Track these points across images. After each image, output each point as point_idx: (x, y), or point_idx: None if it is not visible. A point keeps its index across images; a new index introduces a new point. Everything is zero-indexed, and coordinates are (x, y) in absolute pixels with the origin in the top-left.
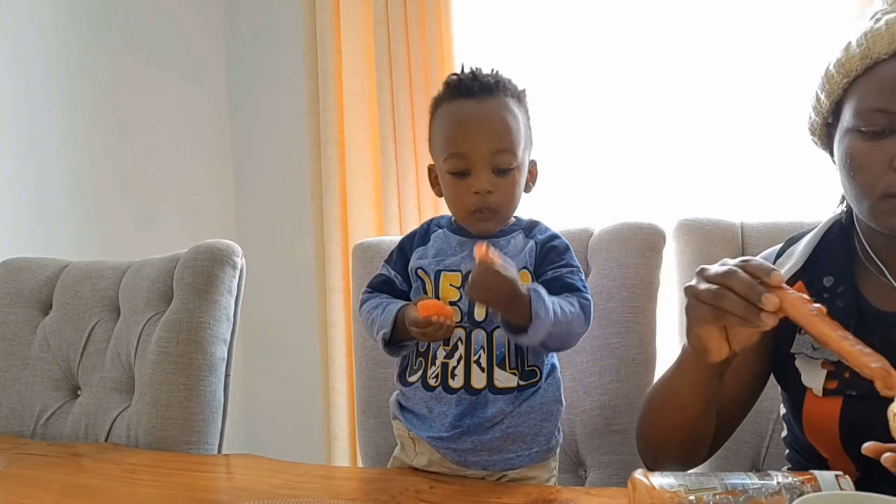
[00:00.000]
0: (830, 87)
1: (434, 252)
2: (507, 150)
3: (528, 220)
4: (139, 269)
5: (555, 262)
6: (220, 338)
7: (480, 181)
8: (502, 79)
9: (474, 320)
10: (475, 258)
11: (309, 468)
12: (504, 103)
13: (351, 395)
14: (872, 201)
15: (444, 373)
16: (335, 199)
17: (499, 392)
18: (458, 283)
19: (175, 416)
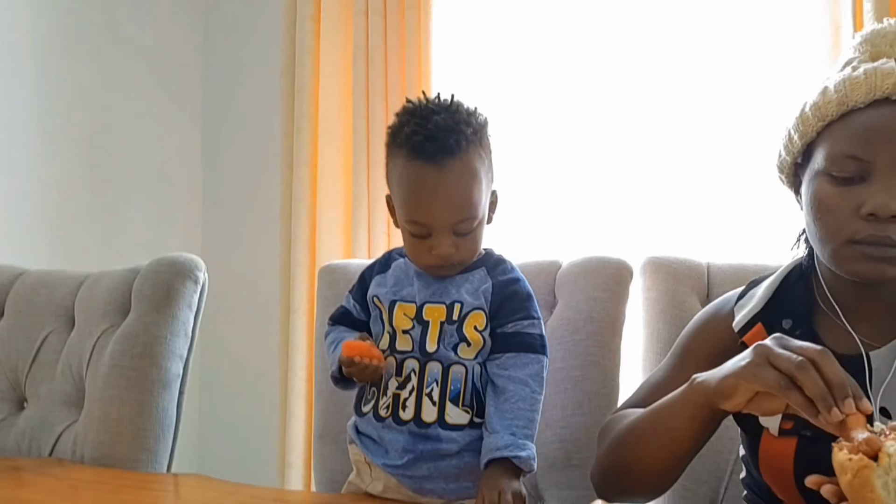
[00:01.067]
0: (804, 128)
1: (393, 282)
2: (470, 217)
3: (495, 258)
4: (97, 280)
5: (516, 313)
6: (177, 353)
7: (441, 246)
8: (465, 129)
9: (426, 353)
10: None
11: (260, 490)
12: (466, 166)
13: (309, 422)
14: (836, 246)
15: (396, 404)
16: (304, 222)
17: (449, 428)
18: (412, 313)
19: (125, 432)
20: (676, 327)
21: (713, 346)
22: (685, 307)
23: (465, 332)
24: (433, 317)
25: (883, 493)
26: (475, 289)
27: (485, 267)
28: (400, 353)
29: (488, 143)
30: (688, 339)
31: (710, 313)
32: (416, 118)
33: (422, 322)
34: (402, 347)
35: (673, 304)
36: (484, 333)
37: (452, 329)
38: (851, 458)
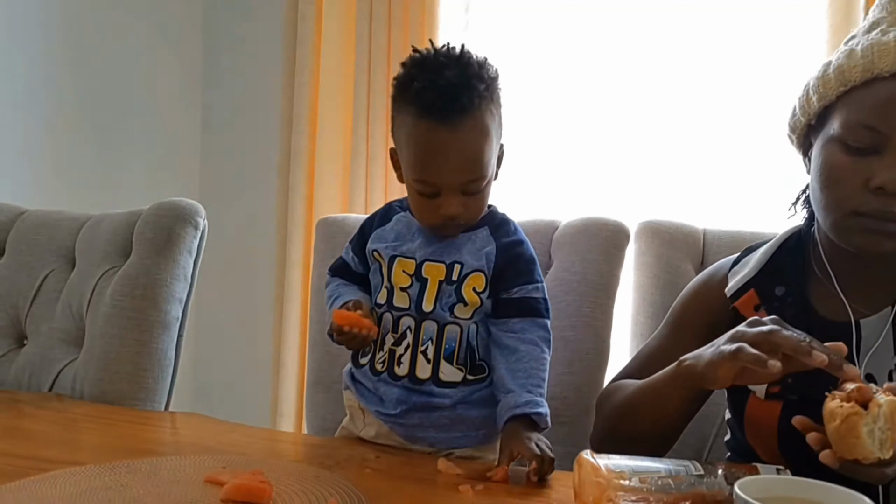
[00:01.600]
0: (824, 90)
1: (393, 236)
2: (480, 177)
3: (499, 217)
4: (98, 222)
5: (521, 277)
6: (176, 297)
7: (450, 205)
8: (478, 85)
9: (423, 312)
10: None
11: (255, 430)
12: (478, 124)
13: (301, 372)
14: (839, 216)
15: (391, 359)
16: (302, 176)
17: (443, 385)
18: (411, 270)
19: (124, 370)
20: (668, 292)
21: (706, 313)
22: (678, 273)
23: (463, 293)
24: (432, 275)
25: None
26: (477, 249)
27: (488, 227)
28: (397, 309)
29: (499, 97)
30: (681, 307)
31: (704, 280)
32: (425, 72)
33: (420, 279)
34: (399, 304)
35: (666, 270)
36: (482, 295)
37: (451, 290)
38: (843, 406)
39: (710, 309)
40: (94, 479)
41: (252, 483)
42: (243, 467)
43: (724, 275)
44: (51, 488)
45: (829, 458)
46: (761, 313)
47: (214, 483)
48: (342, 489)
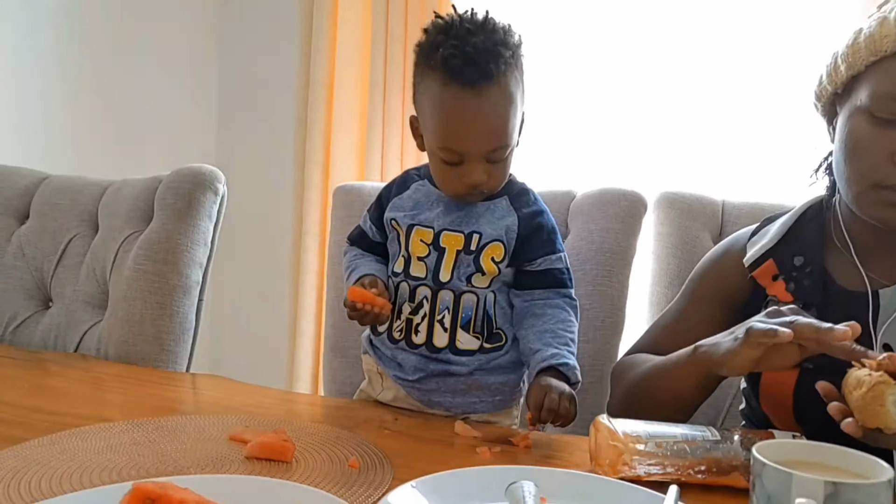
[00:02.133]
0: (854, 59)
1: (411, 204)
2: (504, 144)
3: (519, 187)
4: (120, 187)
5: (544, 249)
6: (197, 262)
7: (474, 174)
8: (503, 52)
9: (439, 282)
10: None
11: (275, 392)
12: (504, 91)
13: (317, 339)
14: (862, 188)
15: (409, 328)
16: (319, 143)
17: (460, 353)
18: (428, 239)
19: (147, 332)
20: (686, 263)
21: (724, 283)
22: (696, 244)
23: (481, 263)
24: (450, 245)
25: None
26: (497, 219)
27: (507, 196)
28: (413, 279)
29: (522, 64)
30: (699, 277)
31: (722, 251)
32: (452, 38)
33: (438, 249)
34: (415, 273)
35: (684, 241)
36: (500, 265)
37: (469, 259)
38: (871, 374)
39: (728, 279)
40: (123, 435)
41: (275, 441)
42: (265, 427)
43: (743, 245)
44: (81, 442)
45: (852, 427)
46: (779, 283)
47: (238, 441)
48: (362, 449)
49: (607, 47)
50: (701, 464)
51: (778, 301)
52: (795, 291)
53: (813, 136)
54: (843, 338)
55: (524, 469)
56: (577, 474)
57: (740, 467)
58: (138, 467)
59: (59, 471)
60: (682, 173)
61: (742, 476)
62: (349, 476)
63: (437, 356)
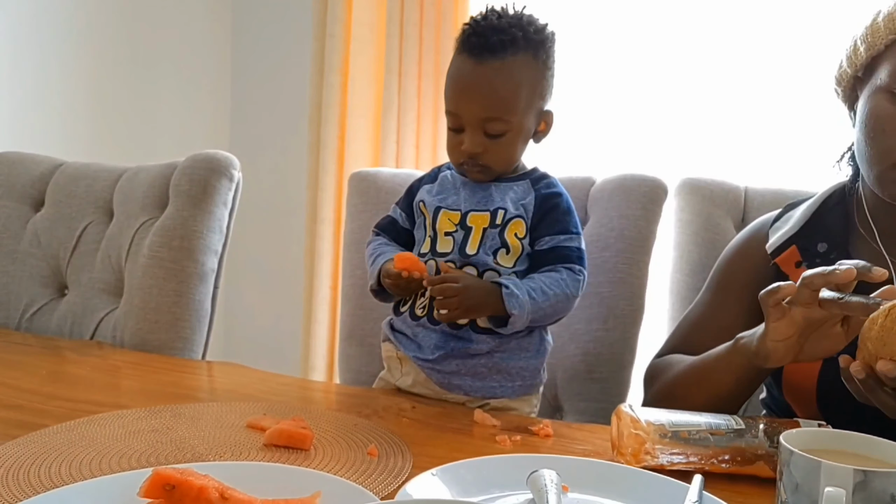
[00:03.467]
0: (873, 39)
1: (438, 190)
2: (499, 118)
3: (540, 173)
4: (135, 174)
5: (554, 227)
6: (212, 249)
7: (469, 142)
8: (517, 34)
9: (465, 254)
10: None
11: (292, 379)
12: (507, 67)
13: (332, 327)
14: (884, 168)
15: (431, 305)
16: (333, 130)
17: (481, 331)
18: (456, 220)
19: (162, 320)
20: (707, 250)
21: (749, 272)
22: (718, 230)
23: (506, 237)
24: (476, 223)
25: None
26: (518, 198)
27: (529, 180)
28: (440, 255)
29: (546, 58)
30: (723, 267)
31: (745, 239)
32: (475, 18)
33: (465, 227)
34: (442, 249)
35: (706, 227)
36: (524, 241)
37: (495, 233)
38: (884, 305)
39: (753, 267)
40: (141, 422)
41: (294, 429)
42: (283, 415)
43: (766, 232)
44: (100, 429)
45: (857, 367)
46: (802, 270)
47: (256, 428)
48: (382, 437)
49: (626, 32)
50: (725, 453)
51: None
52: None
53: (832, 120)
54: (848, 276)
55: (545, 458)
56: (599, 463)
57: (765, 456)
58: (157, 454)
59: (78, 457)
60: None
61: (767, 465)
62: (368, 464)
63: (457, 333)
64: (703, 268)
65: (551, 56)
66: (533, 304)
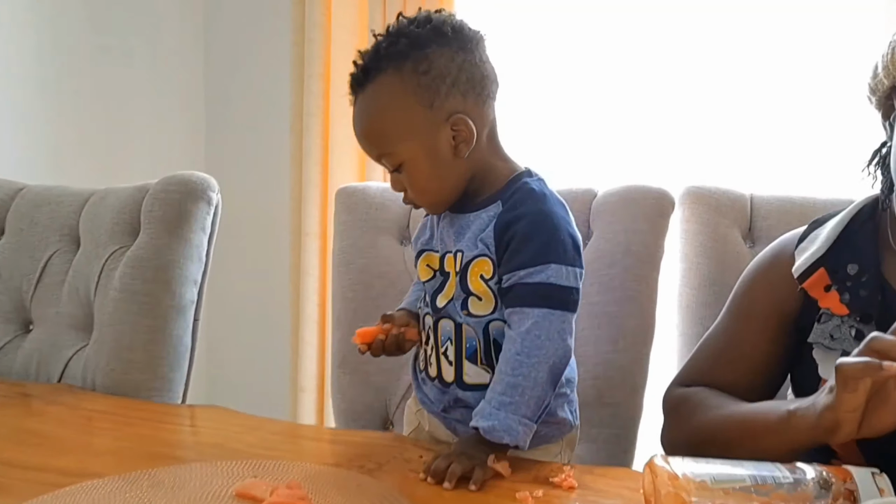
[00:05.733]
0: None
1: (428, 225)
2: (383, 153)
3: (518, 185)
4: (103, 197)
5: (513, 260)
6: (191, 278)
7: (391, 183)
8: (376, 54)
9: (437, 308)
10: None
11: (285, 426)
12: (369, 95)
13: (321, 346)
14: None
15: (426, 359)
16: (316, 139)
17: (468, 388)
18: (435, 264)
19: (137, 359)
20: (716, 262)
21: (774, 297)
22: (726, 241)
23: (469, 285)
24: (452, 268)
25: None
26: (480, 230)
27: (500, 201)
28: (426, 304)
29: (419, 62)
30: (745, 292)
31: (767, 260)
32: None
33: (444, 274)
34: (427, 299)
35: (714, 238)
36: (491, 283)
37: (456, 281)
38: None
39: (778, 292)
40: (115, 496)
41: (290, 501)
42: (277, 475)
43: (790, 253)
44: None
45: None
46: (832, 294)
47: (247, 499)
48: (389, 501)
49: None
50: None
51: (832, 314)
52: (851, 303)
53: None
54: None
55: None
56: None
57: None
58: None
59: None
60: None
61: None
62: None
63: (447, 390)
64: (712, 281)
65: (432, 56)
66: (517, 407)
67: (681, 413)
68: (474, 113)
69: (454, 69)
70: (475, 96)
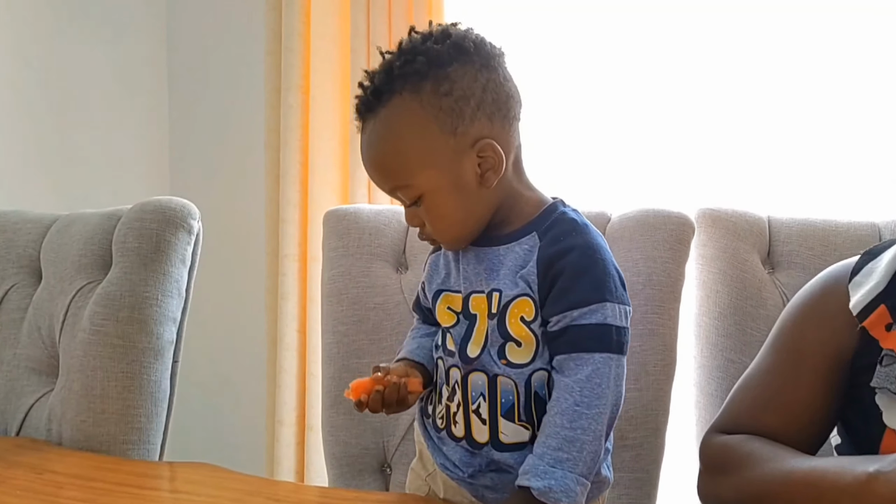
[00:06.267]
0: None
1: (443, 263)
2: (400, 185)
3: (555, 216)
4: (67, 225)
5: (564, 299)
6: (170, 316)
7: (406, 216)
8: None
9: (468, 358)
10: None
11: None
12: (381, 121)
13: (302, 376)
14: None
15: (448, 417)
16: (294, 155)
17: (506, 449)
18: (458, 306)
19: (111, 409)
20: (736, 290)
21: (830, 337)
22: (746, 267)
23: (509, 329)
24: (480, 310)
25: None
26: (519, 266)
27: (536, 232)
28: (448, 354)
29: (440, 82)
30: (794, 328)
31: (818, 293)
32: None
33: (469, 317)
34: (449, 347)
35: (733, 265)
36: (533, 326)
37: (494, 325)
38: None
39: (831, 330)
40: None
41: None
42: None
43: (844, 288)
44: None
45: None
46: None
47: None
48: None
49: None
50: None
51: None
52: None
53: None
54: None
55: None
56: None
57: None
58: None
59: None
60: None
61: None
62: None
63: (480, 452)
64: (733, 310)
65: (454, 75)
66: (575, 464)
67: (727, 466)
68: (501, 137)
69: (478, 89)
70: (501, 118)
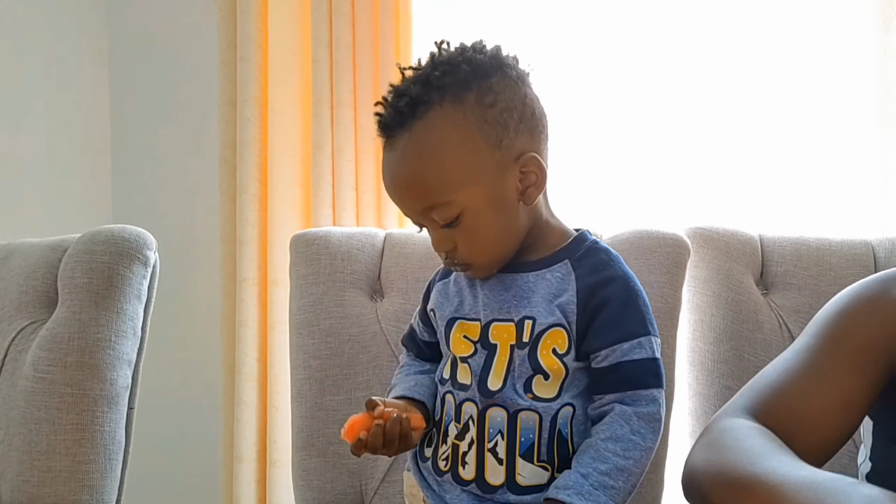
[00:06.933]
0: None
1: (454, 290)
2: (437, 204)
3: (587, 245)
4: (5, 257)
5: (611, 331)
6: (125, 359)
7: (434, 239)
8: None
9: (488, 391)
10: None
11: None
12: (417, 135)
13: (262, 409)
14: None
15: (455, 457)
16: (252, 172)
17: (522, 491)
18: (475, 335)
19: (59, 467)
20: (732, 313)
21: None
22: (740, 289)
23: (540, 360)
24: (502, 339)
25: None
26: (553, 294)
27: (568, 260)
28: (461, 387)
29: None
30: (843, 321)
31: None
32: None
33: (488, 346)
34: (462, 380)
35: (728, 287)
36: (566, 359)
37: (524, 355)
38: None
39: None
40: None
41: None
42: None
43: None
44: None
45: None
46: None
47: None
48: None
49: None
50: None
51: None
52: None
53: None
54: None
55: None
56: None
57: None
58: None
59: None
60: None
61: None
62: None
63: (492, 497)
64: (729, 335)
65: (497, 87)
66: (617, 494)
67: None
68: (542, 154)
69: (519, 103)
70: (538, 134)
